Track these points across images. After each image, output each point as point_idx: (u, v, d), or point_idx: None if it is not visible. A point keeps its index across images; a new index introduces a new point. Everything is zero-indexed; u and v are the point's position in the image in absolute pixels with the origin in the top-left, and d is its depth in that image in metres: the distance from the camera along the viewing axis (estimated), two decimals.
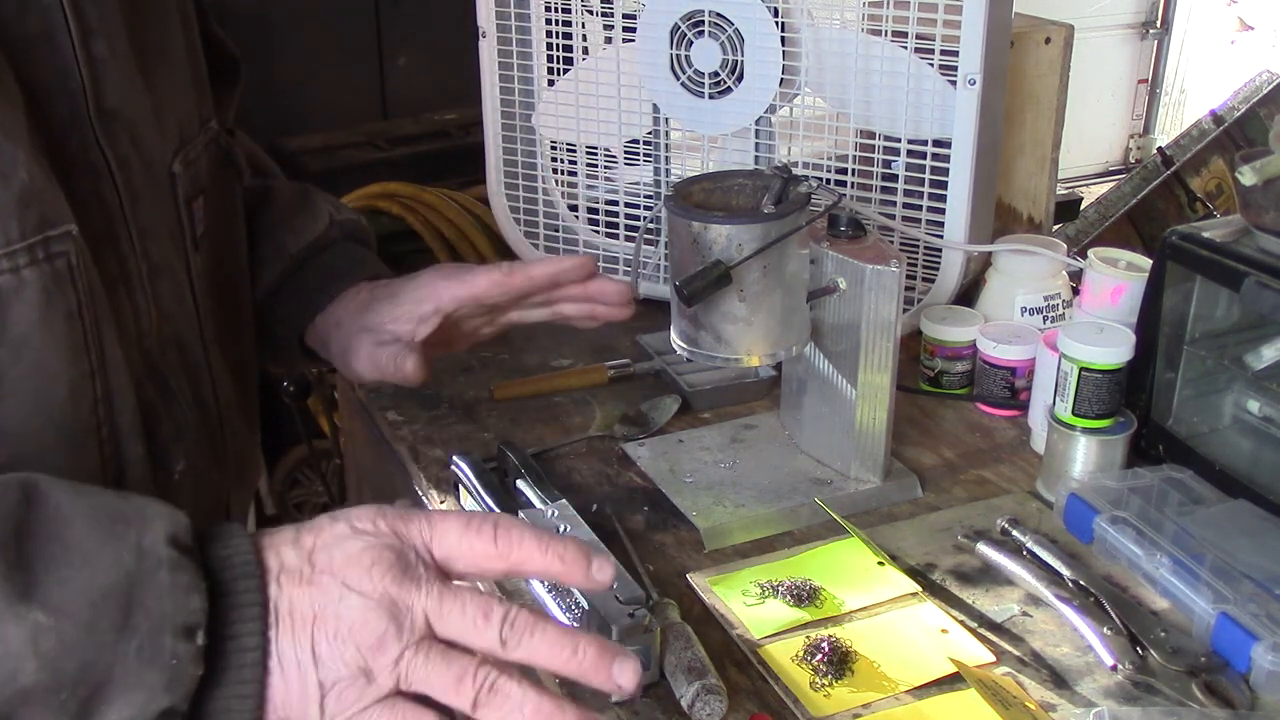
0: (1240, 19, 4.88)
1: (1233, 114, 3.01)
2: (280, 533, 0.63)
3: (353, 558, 0.61)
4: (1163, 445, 1.18)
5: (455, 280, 1.02)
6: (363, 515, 0.64)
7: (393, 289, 1.03)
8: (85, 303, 0.68)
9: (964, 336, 1.32)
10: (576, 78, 1.51)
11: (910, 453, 1.23)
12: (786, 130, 1.44)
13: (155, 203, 0.80)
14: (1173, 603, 0.99)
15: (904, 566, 1.04)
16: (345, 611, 0.60)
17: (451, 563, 0.64)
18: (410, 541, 0.63)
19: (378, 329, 1.01)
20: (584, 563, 0.66)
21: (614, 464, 1.22)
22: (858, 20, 1.34)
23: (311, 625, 0.60)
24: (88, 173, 0.72)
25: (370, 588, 0.60)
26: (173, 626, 0.57)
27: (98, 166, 0.73)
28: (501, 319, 1.09)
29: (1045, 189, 1.61)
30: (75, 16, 0.71)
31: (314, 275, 1.05)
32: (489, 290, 1.02)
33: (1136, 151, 4.93)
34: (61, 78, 0.71)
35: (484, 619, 0.62)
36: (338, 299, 1.03)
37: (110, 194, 0.74)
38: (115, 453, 0.72)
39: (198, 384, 0.84)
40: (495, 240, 2.06)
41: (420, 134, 2.94)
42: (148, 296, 0.78)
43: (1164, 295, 1.17)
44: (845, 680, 0.91)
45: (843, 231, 1.11)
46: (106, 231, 0.73)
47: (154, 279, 0.79)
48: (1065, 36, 1.54)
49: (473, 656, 0.61)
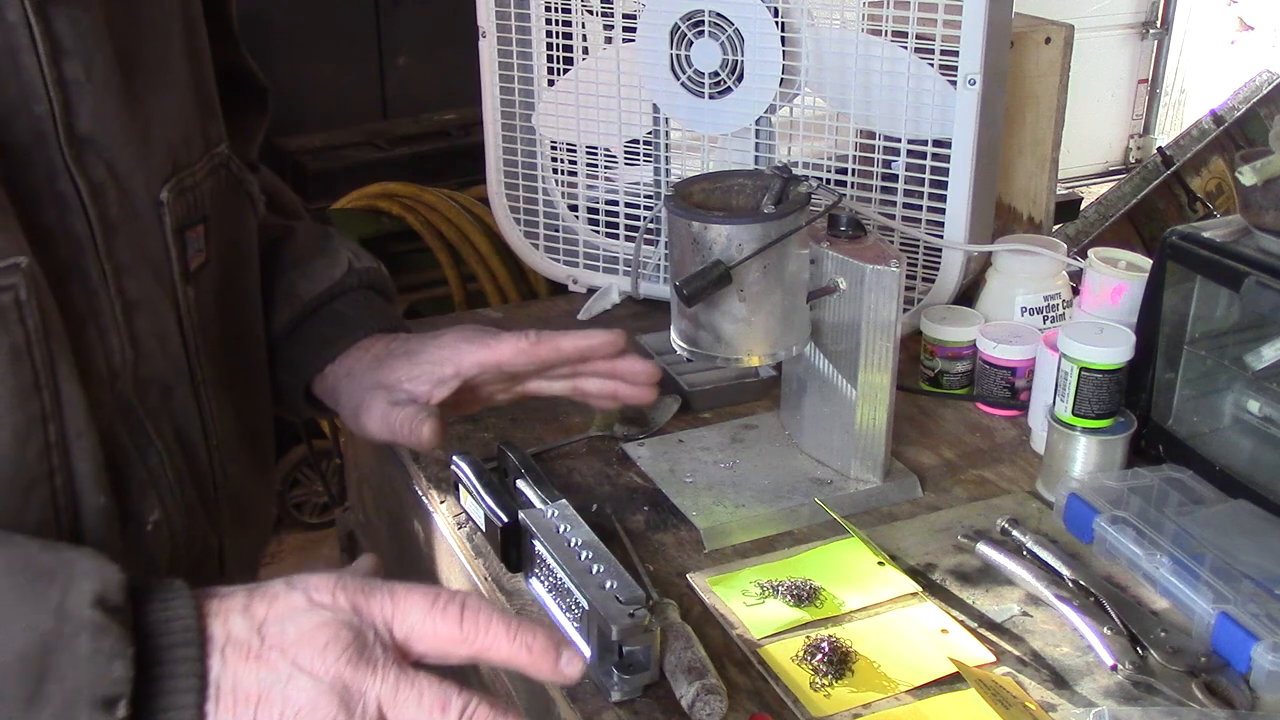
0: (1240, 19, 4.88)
1: (1233, 114, 3.01)
2: (231, 596, 0.60)
3: (306, 634, 0.58)
4: (1163, 445, 1.18)
5: (479, 345, 0.96)
6: (321, 586, 0.61)
7: (411, 346, 0.97)
8: (36, 340, 0.63)
9: (964, 336, 1.32)
10: (576, 78, 1.51)
11: (910, 453, 1.23)
12: (786, 130, 1.44)
13: (135, 234, 0.74)
14: (1173, 603, 0.99)
15: (904, 566, 1.04)
16: (293, 693, 0.57)
17: (412, 643, 0.61)
18: (370, 619, 0.60)
19: (393, 387, 0.95)
20: (553, 654, 0.63)
21: (614, 464, 1.22)
22: (858, 20, 1.34)
23: (255, 706, 0.57)
24: (54, 203, 0.67)
25: (323, 669, 0.57)
26: (90, 698, 0.53)
27: (66, 196, 0.68)
28: (519, 387, 1.03)
29: (1045, 189, 1.61)
30: (45, 34, 0.66)
31: (327, 324, 1.00)
32: (513, 359, 0.96)
33: (1136, 151, 4.93)
34: (24, 100, 0.66)
35: (440, 711, 0.59)
36: (349, 351, 0.98)
37: (80, 225, 0.69)
38: (71, 502, 0.67)
39: (184, 428, 0.79)
40: (495, 240, 2.06)
41: (420, 134, 2.94)
42: (121, 335, 0.73)
43: (1164, 295, 1.17)
44: (845, 680, 0.91)
45: (843, 231, 1.11)
46: (74, 265, 0.68)
47: (130, 316, 0.73)
48: (1065, 36, 1.54)
49: None
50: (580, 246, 1.60)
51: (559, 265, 1.62)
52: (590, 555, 0.95)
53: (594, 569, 0.93)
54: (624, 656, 0.89)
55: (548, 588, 1.00)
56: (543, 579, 1.01)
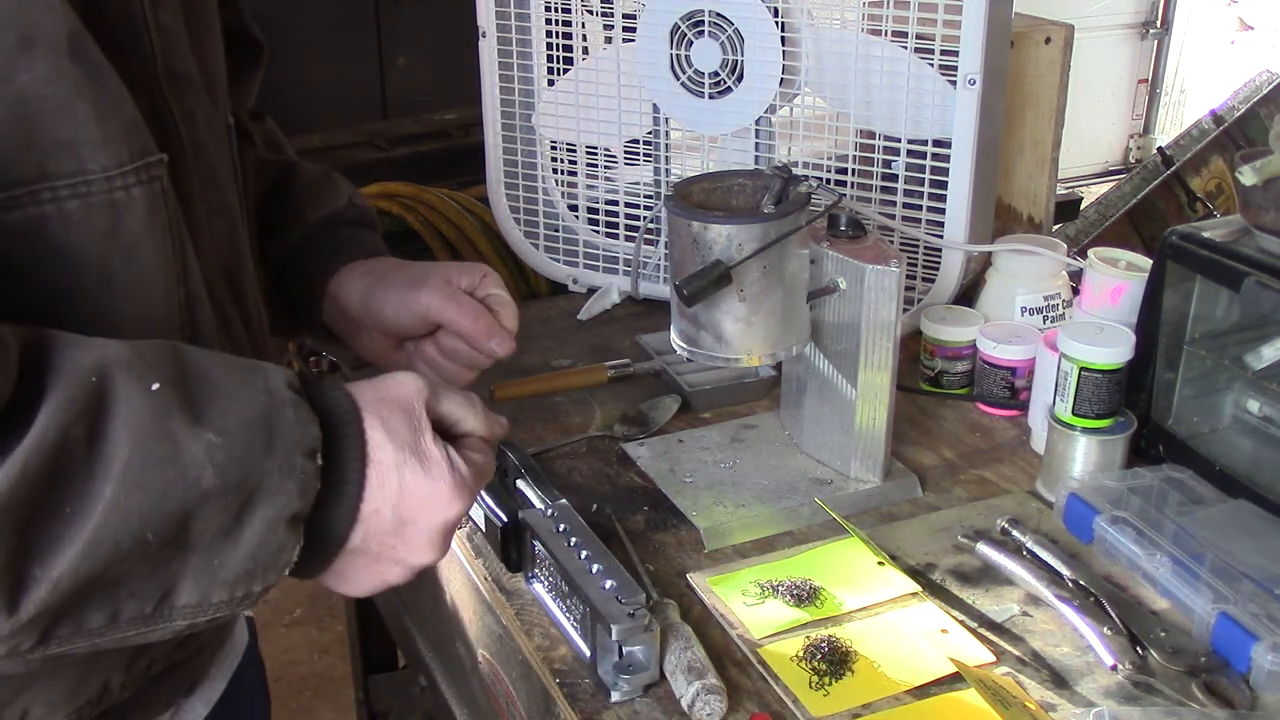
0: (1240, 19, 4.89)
1: (1233, 114, 3.01)
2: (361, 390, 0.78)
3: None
4: (1163, 445, 1.18)
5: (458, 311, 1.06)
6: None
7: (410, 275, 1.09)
8: (174, 221, 0.79)
9: (964, 336, 1.32)
10: (576, 78, 1.51)
11: (910, 453, 1.23)
12: (786, 130, 1.44)
13: (216, 153, 0.89)
14: (1173, 603, 0.99)
15: (904, 566, 1.04)
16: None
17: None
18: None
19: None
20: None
21: (614, 464, 1.22)
22: (858, 20, 1.34)
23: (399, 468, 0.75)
24: (156, 126, 0.79)
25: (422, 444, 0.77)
26: (301, 448, 0.70)
27: (165, 121, 0.81)
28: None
29: (1045, 189, 1.61)
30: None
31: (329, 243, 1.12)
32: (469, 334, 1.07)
33: (1136, 151, 4.94)
34: (134, 42, 0.79)
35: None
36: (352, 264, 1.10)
37: (176, 145, 0.82)
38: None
39: (246, 312, 0.93)
40: (495, 240, 2.06)
41: (420, 134, 2.94)
42: (206, 233, 0.87)
43: (1164, 295, 1.17)
44: (845, 680, 0.91)
45: (843, 231, 1.11)
46: (174, 177, 0.81)
47: (211, 219, 0.87)
48: (1065, 36, 1.54)
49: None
50: (580, 246, 1.60)
51: (559, 265, 1.62)
52: (590, 555, 0.95)
53: (594, 569, 0.93)
54: (624, 656, 0.89)
55: (548, 588, 1.00)
56: (543, 579, 1.01)
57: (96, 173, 0.72)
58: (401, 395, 0.77)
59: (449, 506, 0.76)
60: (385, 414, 0.76)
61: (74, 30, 0.70)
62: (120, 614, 0.67)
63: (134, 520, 0.65)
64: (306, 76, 3.07)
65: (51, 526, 0.63)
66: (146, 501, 0.65)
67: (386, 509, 0.75)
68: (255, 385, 0.71)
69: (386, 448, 0.75)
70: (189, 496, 0.66)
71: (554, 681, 0.93)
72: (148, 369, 0.68)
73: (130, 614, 0.68)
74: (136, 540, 0.65)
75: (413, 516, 0.76)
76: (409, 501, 0.75)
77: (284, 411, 0.71)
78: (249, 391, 0.71)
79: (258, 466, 0.69)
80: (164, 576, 0.68)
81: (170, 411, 0.67)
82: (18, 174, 0.69)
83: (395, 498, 0.75)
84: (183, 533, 0.67)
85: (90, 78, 0.71)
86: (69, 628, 0.66)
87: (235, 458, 0.68)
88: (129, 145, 0.74)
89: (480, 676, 1.12)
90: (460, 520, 0.79)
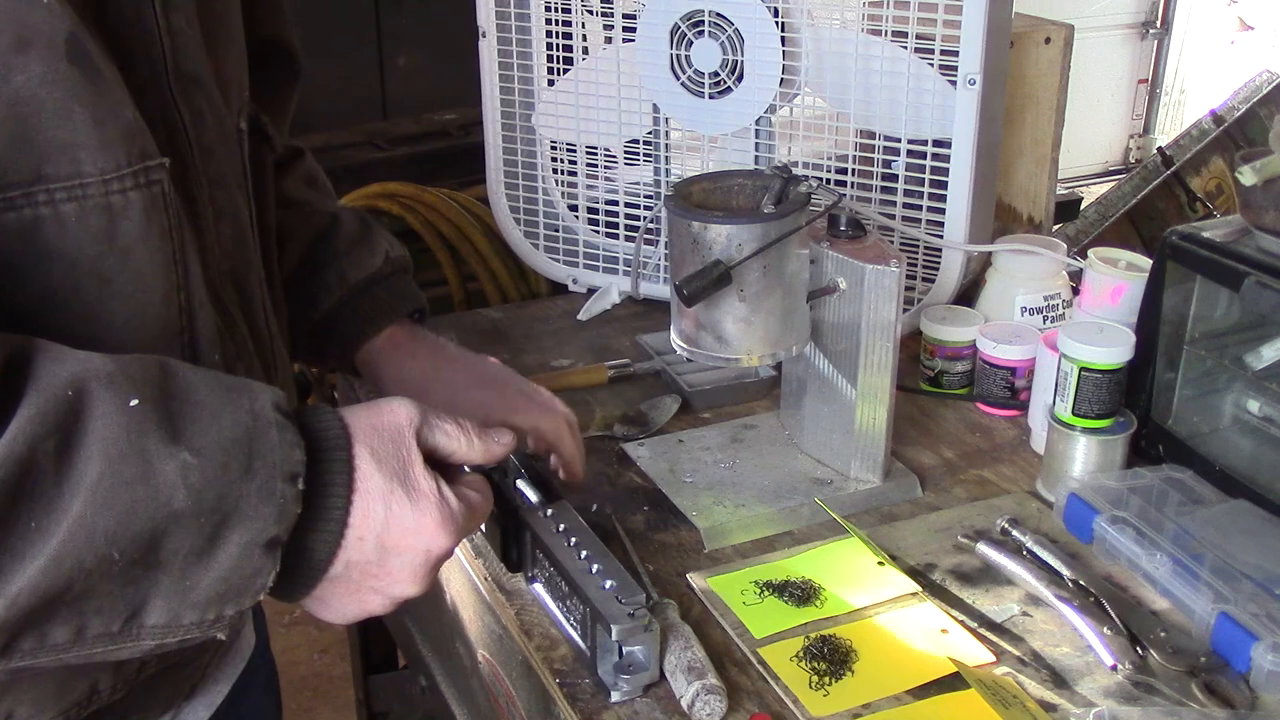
0: (1240, 19, 4.89)
1: (1233, 114, 3.01)
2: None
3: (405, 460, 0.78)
4: (1163, 445, 1.18)
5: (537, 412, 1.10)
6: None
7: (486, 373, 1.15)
8: (174, 226, 0.78)
9: (964, 336, 1.32)
10: (576, 78, 1.51)
11: (910, 453, 1.23)
12: (786, 130, 1.44)
13: (224, 156, 0.89)
14: (1173, 603, 0.99)
15: (904, 566, 1.04)
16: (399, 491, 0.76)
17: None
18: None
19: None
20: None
21: (614, 464, 1.22)
22: (858, 20, 1.34)
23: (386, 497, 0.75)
24: (164, 128, 0.80)
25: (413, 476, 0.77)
26: (282, 472, 0.70)
27: (173, 123, 0.82)
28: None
29: (1045, 189, 1.61)
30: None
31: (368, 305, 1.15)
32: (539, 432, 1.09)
33: (1136, 151, 4.94)
34: (145, 44, 0.79)
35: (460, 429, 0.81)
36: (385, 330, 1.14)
37: (184, 147, 0.83)
38: (193, 358, 0.81)
39: (252, 316, 0.93)
40: (495, 240, 2.06)
41: (420, 134, 2.94)
42: (212, 236, 0.87)
43: (1164, 295, 1.17)
44: (845, 680, 0.91)
45: (843, 231, 1.11)
46: (180, 179, 0.82)
47: (218, 221, 0.88)
48: (1065, 36, 1.54)
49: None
50: (580, 246, 1.60)
51: (559, 265, 1.62)
52: (590, 555, 0.95)
53: (594, 569, 0.93)
54: (624, 656, 0.89)
55: (548, 588, 1.00)
56: (543, 579, 1.01)
57: (93, 175, 0.72)
58: (393, 424, 0.77)
59: (433, 540, 0.76)
60: (376, 442, 0.75)
61: (72, 32, 0.70)
62: (86, 630, 0.67)
63: (99, 538, 0.64)
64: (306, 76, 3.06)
65: (13, 540, 0.63)
66: (114, 519, 0.64)
67: (370, 538, 0.74)
68: (240, 405, 0.71)
69: (375, 477, 0.74)
70: (158, 516, 0.66)
71: (554, 681, 0.93)
72: (128, 384, 0.67)
73: (97, 631, 0.67)
74: (102, 558, 0.64)
75: (396, 548, 0.75)
76: (394, 532, 0.75)
77: (268, 434, 0.70)
78: (233, 411, 0.70)
79: (234, 489, 0.68)
80: (132, 595, 0.67)
81: (146, 429, 0.66)
82: (13, 176, 0.69)
83: (380, 528, 0.74)
84: (152, 552, 0.66)
85: (88, 80, 0.71)
86: (32, 641, 0.66)
87: (210, 479, 0.67)
88: (127, 148, 0.74)
89: (480, 676, 1.12)
90: (447, 555, 0.78)
